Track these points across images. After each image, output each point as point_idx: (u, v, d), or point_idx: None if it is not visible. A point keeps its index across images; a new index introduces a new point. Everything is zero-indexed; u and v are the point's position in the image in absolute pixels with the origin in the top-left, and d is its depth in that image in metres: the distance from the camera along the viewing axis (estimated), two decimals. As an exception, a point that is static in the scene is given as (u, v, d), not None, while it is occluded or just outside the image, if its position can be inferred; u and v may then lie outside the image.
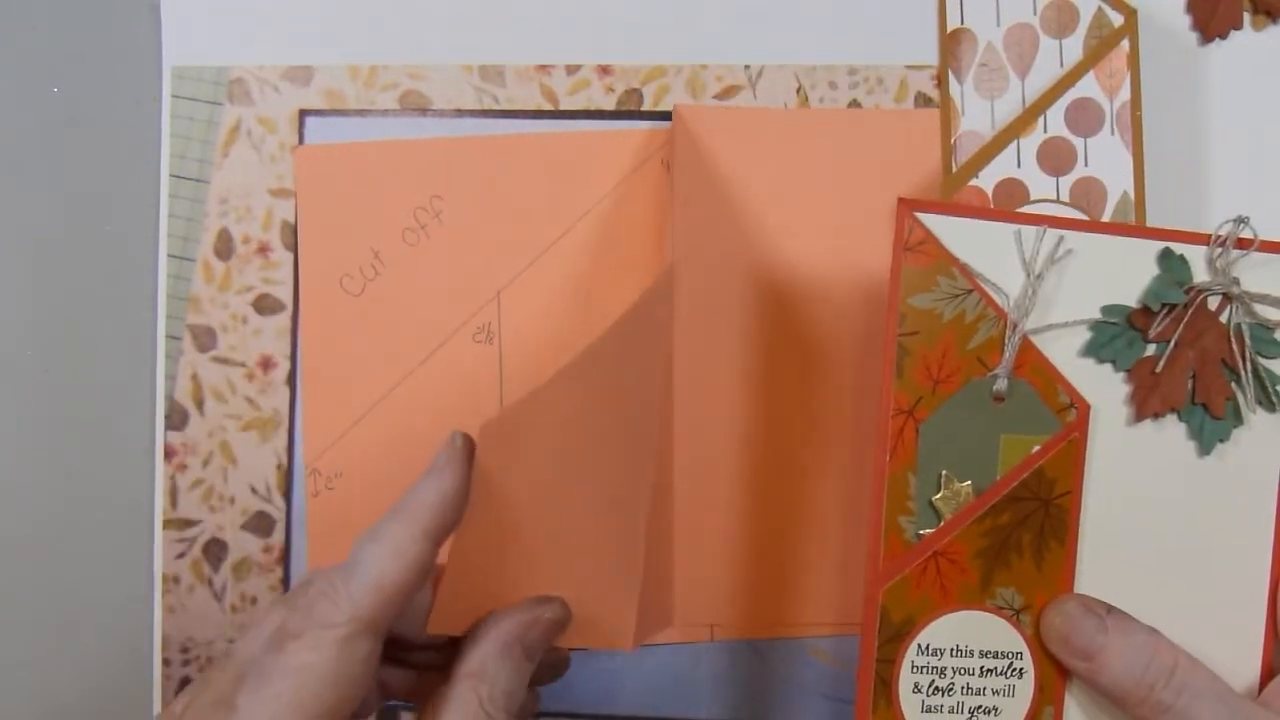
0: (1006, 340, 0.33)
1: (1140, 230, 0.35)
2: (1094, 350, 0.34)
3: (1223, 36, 0.42)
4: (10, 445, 0.43)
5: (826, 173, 0.42)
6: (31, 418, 0.43)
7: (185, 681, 0.42)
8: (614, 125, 0.43)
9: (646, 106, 0.43)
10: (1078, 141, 0.40)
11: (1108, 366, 0.34)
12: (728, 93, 0.43)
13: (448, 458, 0.33)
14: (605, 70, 0.43)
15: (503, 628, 0.33)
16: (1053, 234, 0.34)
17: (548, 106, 0.43)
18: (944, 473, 0.34)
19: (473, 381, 0.42)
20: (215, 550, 0.42)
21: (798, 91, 0.43)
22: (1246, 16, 0.42)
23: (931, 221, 0.34)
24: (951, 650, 0.35)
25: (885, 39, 0.43)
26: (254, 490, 0.42)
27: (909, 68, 0.43)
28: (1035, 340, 0.34)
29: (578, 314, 0.42)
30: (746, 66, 0.43)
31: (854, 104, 0.43)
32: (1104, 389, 0.34)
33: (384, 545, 0.31)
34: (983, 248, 0.34)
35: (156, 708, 0.42)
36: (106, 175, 0.43)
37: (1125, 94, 0.40)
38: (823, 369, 0.41)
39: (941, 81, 0.42)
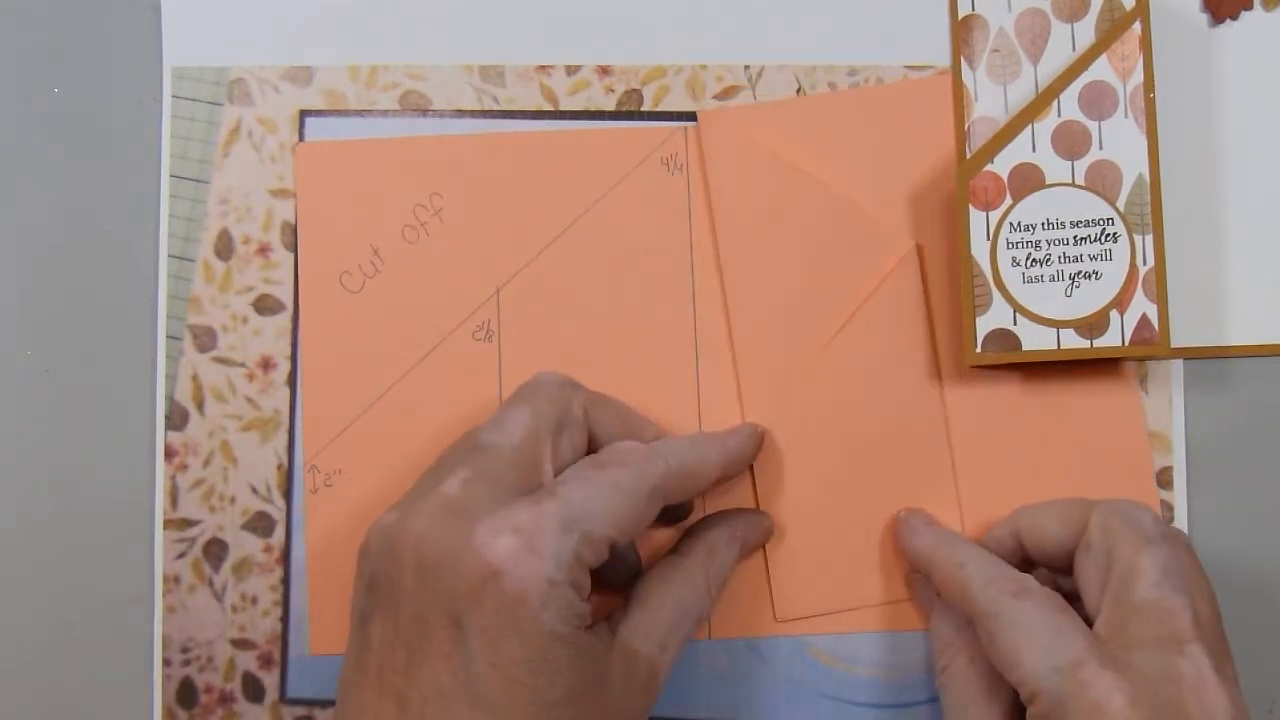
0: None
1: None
2: None
3: (1233, 17, 0.42)
4: (10, 445, 0.43)
5: (846, 155, 0.43)
6: (31, 418, 0.43)
7: (185, 681, 0.42)
8: (614, 125, 0.43)
9: (646, 106, 0.43)
10: (1092, 125, 0.40)
11: None
12: (727, 93, 0.43)
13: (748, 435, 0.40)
14: (605, 70, 0.43)
15: (733, 522, 0.40)
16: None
17: (548, 106, 0.43)
18: None
19: (472, 379, 0.42)
20: (215, 550, 0.42)
21: (798, 91, 0.43)
22: (1257, -3, 0.43)
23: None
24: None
25: (885, 39, 0.43)
26: (254, 490, 0.42)
27: (909, 67, 0.43)
28: None
29: (577, 313, 0.42)
30: (746, 66, 0.43)
31: (853, 102, 0.43)
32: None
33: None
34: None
35: (157, 708, 0.42)
36: (106, 175, 0.43)
37: (1138, 77, 0.40)
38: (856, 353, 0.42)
39: (954, 67, 0.42)
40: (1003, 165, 0.40)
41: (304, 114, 0.43)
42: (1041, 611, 0.34)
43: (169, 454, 0.43)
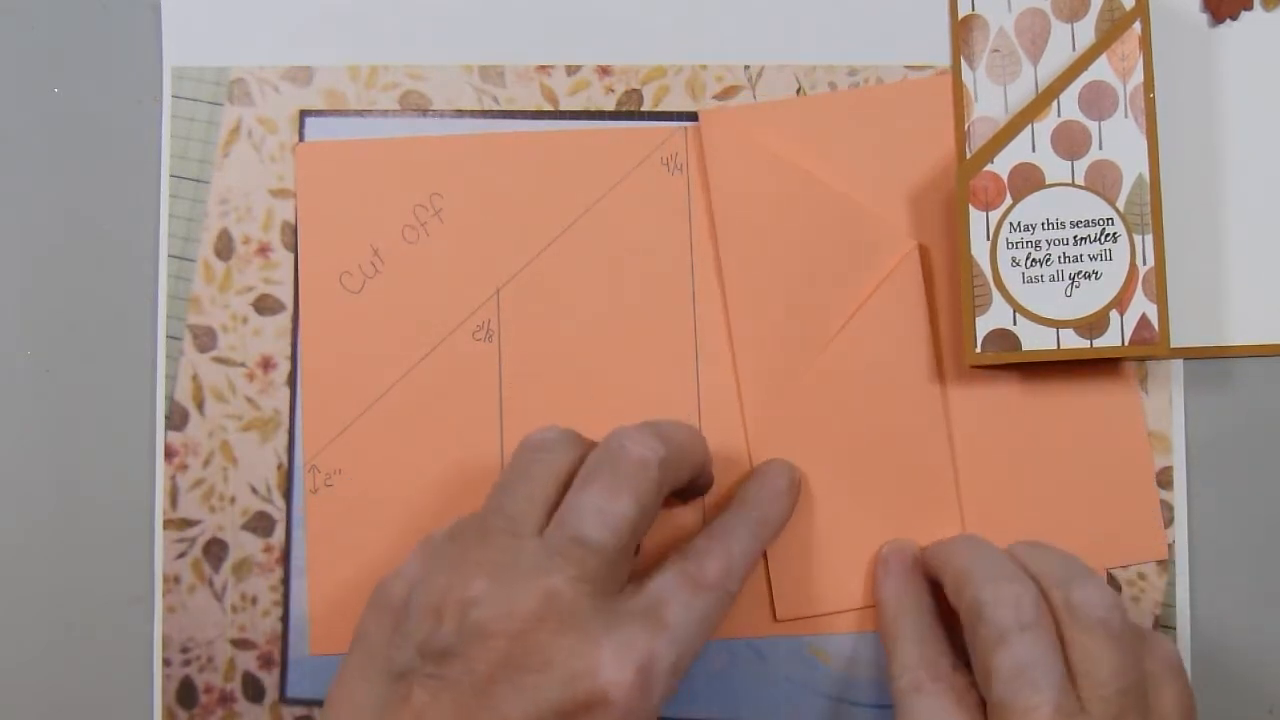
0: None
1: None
2: None
3: (1233, 17, 0.42)
4: (10, 445, 0.43)
5: (846, 155, 0.43)
6: (31, 418, 0.43)
7: (185, 681, 0.42)
8: (614, 125, 0.43)
9: (646, 106, 0.43)
10: (1092, 125, 0.40)
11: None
12: (727, 93, 0.43)
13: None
14: (605, 70, 0.43)
15: (781, 479, 0.40)
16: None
17: (548, 106, 0.43)
18: None
19: (472, 379, 0.42)
20: (215, 550, 0.42)
21: (798, 92, 0.43)
22: (1257, -3, 0.43)
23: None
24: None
25: (885, 39, 0.43)
26: (254, 490, 0.42)
27: (909, 67, 0.43)
28: None
29: (577, 313, 0.42)
30: (746, 66, 0.43)
31: (853, 102, 0.43)
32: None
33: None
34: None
35: (157, 708, 0.42)
36: (106, 175, 0.43)
37: (1138, 77, 0.40)
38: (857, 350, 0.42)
39: (954, 67, 0.42)
40: (1003, 165, 0.41)
41: (304, 114, 0.43)
42: (930, 714, 0.35)
43: (169, 454, 0.43)
